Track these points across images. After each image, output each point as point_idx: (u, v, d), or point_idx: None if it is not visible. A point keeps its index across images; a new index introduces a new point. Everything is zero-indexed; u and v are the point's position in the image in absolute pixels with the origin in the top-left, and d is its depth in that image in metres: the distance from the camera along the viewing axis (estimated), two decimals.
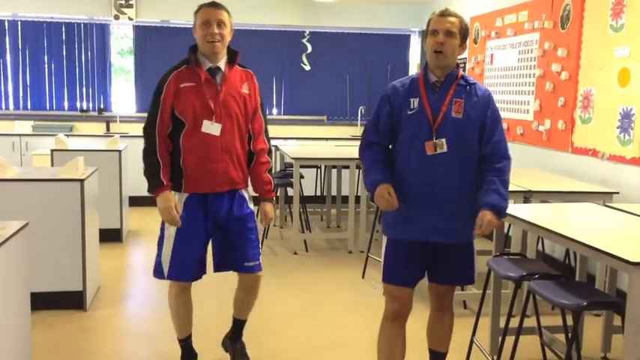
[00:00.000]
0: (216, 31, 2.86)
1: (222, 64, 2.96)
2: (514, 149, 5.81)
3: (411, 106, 2.62)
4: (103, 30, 8.07)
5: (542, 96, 5.42)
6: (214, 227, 3.02)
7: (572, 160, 4.98)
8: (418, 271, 2.75)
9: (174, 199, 2.92)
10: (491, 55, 6.38)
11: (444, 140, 2.57)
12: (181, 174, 2.93)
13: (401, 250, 2.71)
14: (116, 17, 7.87)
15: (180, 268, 2.97)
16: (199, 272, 3.05)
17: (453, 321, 2.91)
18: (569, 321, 2.86)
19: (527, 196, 3.99)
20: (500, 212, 2.58)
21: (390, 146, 2.74)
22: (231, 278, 3.21)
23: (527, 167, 5.44)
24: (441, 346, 2.93)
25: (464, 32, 2.62)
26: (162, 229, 3.01)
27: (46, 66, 8.00)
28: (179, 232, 2.94)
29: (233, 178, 2.98)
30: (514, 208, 3.42)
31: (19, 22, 7.86)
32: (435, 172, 2.59)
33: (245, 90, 3.01)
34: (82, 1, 7.78)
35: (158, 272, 3.03)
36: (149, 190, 2.94)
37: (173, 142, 2.93)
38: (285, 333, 3.85)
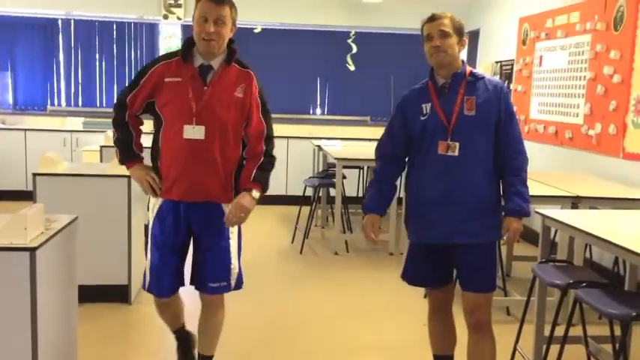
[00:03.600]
0: (212, 29, 2.58)
1: (216, 62, 2.68)
2: (562, 153, 5.74)
3: (424, 112, 2.66)
4: (152, 29, 8.23)
5: (593, 99, 5.28)
6: (189, 236, 2.76)
7: (624, 165, 4.83)
8: (442, 273, 2.78)
9: (149, 169, 2.73)
10: (540, 56, 6.25)
11: (457, 144, 2.58)
12: (159, 176, 2.72)
13: (423, 253, 2.75)
14: (165, 17, 8.02)
15: (156, 282, 2.75)
16: (176, 285, 2.81)
17: (495, 347, 2.74)
18: (617, 331, 2.78)
19: (575, 202, 3.89)
20: (525, 214, 2.62)
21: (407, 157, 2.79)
22: None
23: (575, 172, 5.31)
24: None
25: (459, 28, 2.63)
26: (147, 236, 2.81)
27: (97, 64, 8.21)
28: (153, 241, 2.72)
29: (209, 190, 2.67)
30: (561, 214, 3.35)
31: (72, 21, 8.09)
32: (453, 174, 2.60)
33: (239, 93, 2.68)
34: (133, 1, 7.96)
35: (143, 282, 2.80)
36: (120, 162, 2.78)
37: (154, 139, 2.72)
38: (324, 333, 3.85)
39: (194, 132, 2.61)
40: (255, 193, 2.71)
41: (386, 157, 2.80)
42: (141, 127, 2.82)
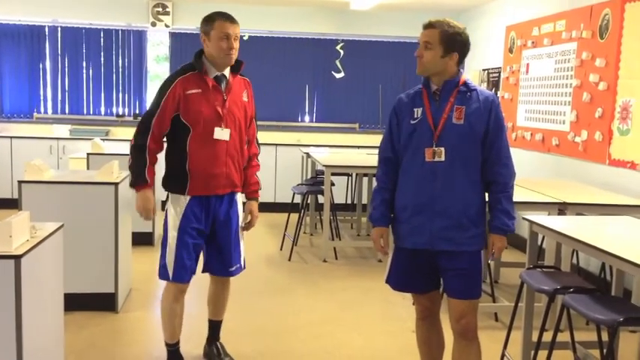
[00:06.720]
0: (235, 46, 3.00)
1: (227, 72, 3.08)
2: (548, 160, 5.77)
3: (415, 116, 2.67)
4: (140, 37, 8.21)
5: (579, 106, 5.32)
6: (210, 229, 3.12)
7: (610, 172, 4.88)
8: (427, 279, 2.75)
9: (154, 199, 3.07)
10: (527, 64, 6.30)
11: (443, 149, 2.59)
12: (186, 177, 3.02)
13: (406, 258, 2.73)
14: (153, 24, 8.00)
15: (183, 269, 3.05)
16: (193, 273, 3.13)
17: (480, 354, 2.74)
18: (605, 337, 2.79)
19: (562, 208, 3.91)
20: (510, 232, 2.66)
21: None
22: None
23: (562, 179, 5.35)
24: None
25: (448, 41, 2.60)
26: (166, 231, 3.08)
27: (84, 71, 8.16)
28: (181, 234, 3.03)
29: (234, 181, 3.13)
30: (548, 220, 3.37)
31: (59, 28, 8.05)
32: (438, 180, 2.60)
33: (245, 98, 3.17)
34: (120, 8, 7.94)
35: (162, 274, 3.09)
36: (131, 185, 3.04)
37: (177, 147, 3.02)
38: (312, 341, 3.84)
39: (222, 133, 3.03)
40: (257, 200, 3.28)
41: (386, 161, 2.78)
42: (157, 155, 3.07)
